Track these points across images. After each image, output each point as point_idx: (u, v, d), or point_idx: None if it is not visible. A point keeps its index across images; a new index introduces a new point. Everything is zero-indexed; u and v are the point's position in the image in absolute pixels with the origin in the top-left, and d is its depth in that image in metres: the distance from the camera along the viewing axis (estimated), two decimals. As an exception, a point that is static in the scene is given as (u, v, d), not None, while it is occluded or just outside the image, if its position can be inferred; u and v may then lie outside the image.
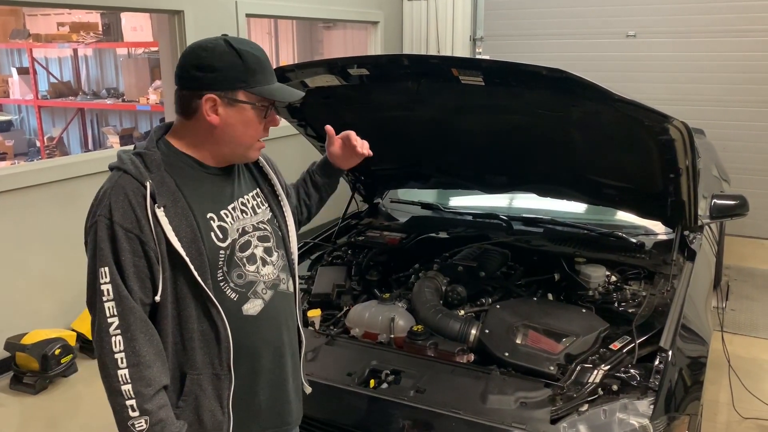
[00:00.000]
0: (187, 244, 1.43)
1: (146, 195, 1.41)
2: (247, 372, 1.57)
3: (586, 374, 2.01)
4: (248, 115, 1.49)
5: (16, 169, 4.04)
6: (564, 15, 6.83)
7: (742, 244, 6.08)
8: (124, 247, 1.38)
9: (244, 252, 1.55)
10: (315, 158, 3.71)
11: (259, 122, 1.51)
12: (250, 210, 1.61)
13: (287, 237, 1.71)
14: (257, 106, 1.49)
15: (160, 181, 1.44)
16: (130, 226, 1.39)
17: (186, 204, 1.46)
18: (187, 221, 1.45)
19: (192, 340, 1.48)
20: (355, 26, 7.97)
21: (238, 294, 1.53)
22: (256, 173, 1.70)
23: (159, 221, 1.40)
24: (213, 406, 1.51)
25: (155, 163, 1.46)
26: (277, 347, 1.63)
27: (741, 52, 6.14)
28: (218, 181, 1.56)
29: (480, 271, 2.66)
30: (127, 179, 1.42)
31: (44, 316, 4.03)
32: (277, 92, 1.51)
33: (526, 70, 2.03)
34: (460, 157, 2.96)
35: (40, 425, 3.44)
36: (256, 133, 1.53)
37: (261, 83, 1.48)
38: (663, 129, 2.15)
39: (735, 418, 3.25)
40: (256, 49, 1.50)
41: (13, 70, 8.94)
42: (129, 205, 1.40)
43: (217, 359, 1.50)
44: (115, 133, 8.46)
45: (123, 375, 1.37)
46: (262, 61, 1.49)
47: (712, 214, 2.98)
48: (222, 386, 1.51)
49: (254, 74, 1.47)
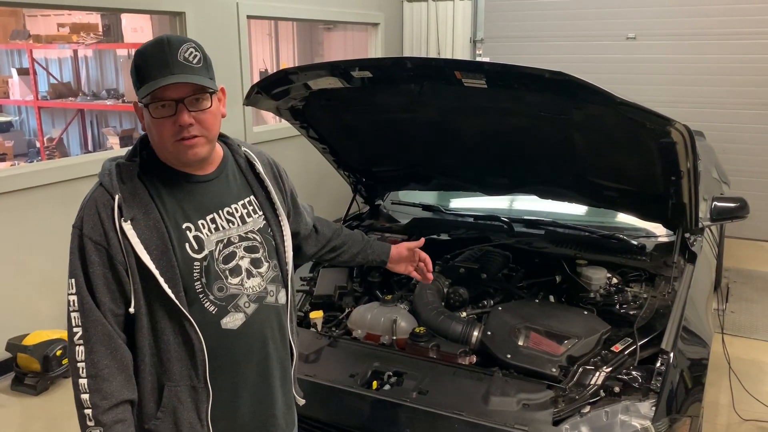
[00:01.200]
0: (157, 257, 1.41)
1: (114, 207, 1.40)
2: (228, 385, 1.53)
3: (588, 376, 2.02)
4: (148, 116, 1.43)
5: (17, 171, 4.04)
6: (564, 17, 6.84)
7: (741, 247, 6.09)
8: (94, 260, 1.39)
9: (227, 264, 1.51)
10: (316, 159, 3.71)
11: (162, 122, 1.42)
12: (238, 219, 1.56)
13: (282, 247, 1.64)
14: (151, 106, 1.41)
15: (131, 193, 1.43)
16: (98, 239, 1.39)
17: (159, 215, 1.44)
18: (158, 233, 1.42)
19: (168, 352, 1.45)
20: (356, 28, 7.99)
21: (217, 307, 1.49)
22: (251, 179, 1.64)
23: (126, 234, 1.39)
24: (192, 418, 1.49)
25: (129, 175, 1.45)
26: (260, 360, 1.58)
27: (741, 54, 6.15)
28: (200, 189, 1.52)
29: (481, 273, 2.67)
30: (100, 191, 1.43)
31: (45, 317, 4.03)
32: (150, 87, 1.39)
33: (528, 73, 2.03)
34: (461, 159, 2.97)
35: (41, 426, 3.44)
36: (166, 132, 1.42)
37: (146, 80, 1.40)
38: (665, 132, 2.15)
39: (735, 419, 3.25)
40: (147, 46, 1.43)
41: (13, 71, 8.93)
42: (98, 218, 1.40)
43: (194, 372, 1.47)
44: (115, 134, 8.46)
45: (83, 384, 1.39)
46: (148, 57, 1.41)
47: (712, 217, 2.99)
48: (200, 399, 1.49)
49: (140, 73, 1.42)
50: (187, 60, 1.42)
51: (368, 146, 3.08)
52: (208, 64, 1.48)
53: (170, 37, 1.43)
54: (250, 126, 5.56)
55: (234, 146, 1.65)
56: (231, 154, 1.64)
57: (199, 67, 1.43)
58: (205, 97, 1.45)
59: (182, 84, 1.40)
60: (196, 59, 1.43)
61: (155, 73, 1.39)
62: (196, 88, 1.42)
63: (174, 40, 1.42)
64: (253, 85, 2.50)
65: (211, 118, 1.47)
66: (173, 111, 1.41)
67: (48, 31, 8.57)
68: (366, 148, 3.10)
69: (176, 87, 1.40)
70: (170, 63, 1.40)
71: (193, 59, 1.43)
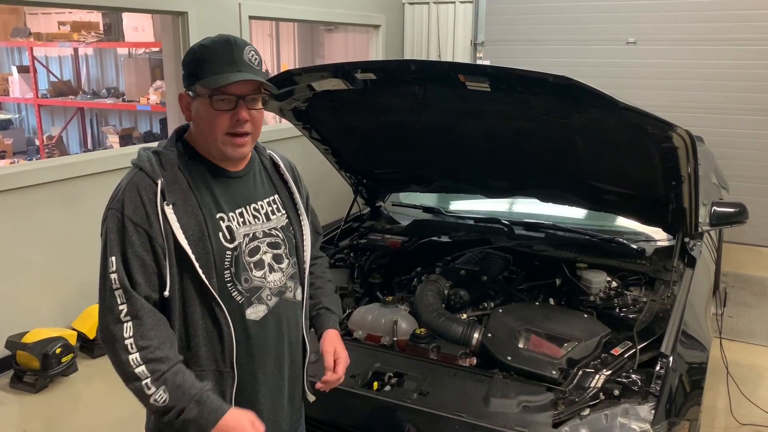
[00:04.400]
0: (194, 242, 1.46)
1: (157, 192, 1.44)
2: (248, 375, 1.58)
3: (588, 379, 2.03)
4: (206, 107, 1.48)
5: (16, 168, 4.04)
6: (565, 21, 6.86)
7: (739, 252, 6.11)
8: (133, 241, 1.42)
9: (252, 257, 1.57)
10: (317, 160, 3.71)
11: (219, 114, 1.48)
12: (263, 216, 1.62)
13: (301, 245, 1.70)
14: (214, 98, 1.47)
15: (172, 180, 1.48)
16: (139, 221, 1.43)
17: (196, 203, 1.49)
18: (195, 219, 1.48)
19: (196, 336, 1.50)
20: (357, 29, 7.99)
21: (243, 297, 1.54)
22: (276, 179, 1.71)
23: (167, 218, 1.44)
24: None
25: (169, 162, 1.51)
26: (278, 354, 1.64)
27: (741, 60, 6.18)
28: (231, 184, 1.58)
29: (482, 275, 2.68)
30: (141, 176, 1.47)
31: (45, 315, 4.04)
32: (219, 80, 1.45)
33: (532, 76, 2.04)
34: (462, 162, 2.98)
35: (40, 424, 3.44)
36: (221, 125, 1.49)
37: (209, 74, 1.46)
38: (666, 137, 2.16)
39: (733, 424, 3.27)
40: (214, 42, 1.49)
41: (14, 69, 8.94)
42: (140, 201, 1.44)
43: (221, 356, 1.52)
44: (114, 133, 8.46)
45: (134, 359, 1.40)
46: (215, 52, 1.47)
47: (712, 222, 3.00)
48: (225, 383, 1.54)
49: (204, 66, 1.47)
50: (250, 61, 1.50)
51: (370, 148, 3.09)
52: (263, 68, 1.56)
53: (236, 38, 1.51)
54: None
55: (260, 148, 1.73)
56: (257, 154, 1.70)
57: (259, 69, 1.52)
58: (260, 98, 1.53)
59: (246, 82, 1.47)
60: (257, 62, 1.52)
61: (223, 69, 1.46)
62: (257, 88, 1.50)
63: (240, 41, 1.51)
64: (257, 86, 2.51)
65: (261, 118, 1.56)
66: (233, 106, 1.48)
67: (49, 29, 8.57)
68: (368, 149, 3.11)
69: (242, 84, 1.47)
70: (238, 61, 1.48)
71: (255, 61, 1.52)
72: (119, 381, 1.44)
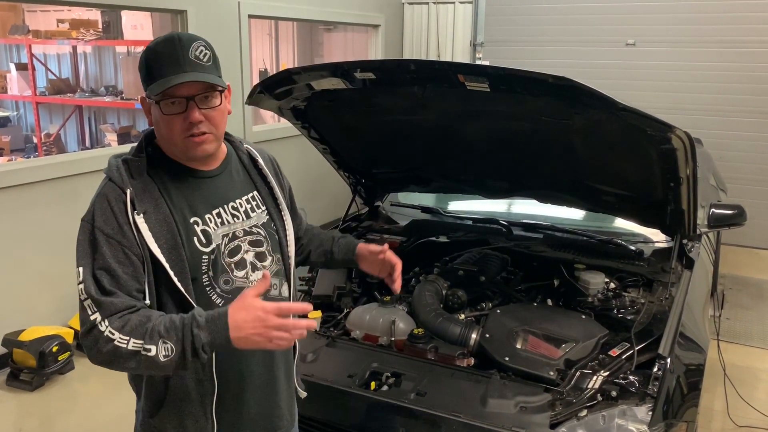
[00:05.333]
0: (167, 250, 1.43)
1: (126, 201, 1.42)
2: (233, 378, 1.56)
3: (586, 380, 2.03)
4: (158, 112, 1.44)
5: (14, 166, 4.04)
6: (564, 22, 6.86)
7: (736, 254, 6.12)
8: (104, 252, 1.39)
9: (233, 257, 1.54)
10: (315, 159, 3.71)
11: (172, 118, 1.44)
12: (242, 214, 1.59)
13: (284, 241, 1.67)
14: (161, 103, 1.43)
15: (142, 188, 1.45)
16: (111, 232, 1.40)
17: (168, 209, 1.46)
18: (168, 227, 1.44)
19: None
20: (356, 29, 7.99)
21: (224, 300, 1.51)
22: (254, 175, 1.67)
23: (139, 227, 1.41)
24: (196, 411, 1.51)
25: (138, 170, 1.47)
26: (266, 352, 1.60)
27: (740, 62, 6.19)
28: (205, 185, 1.55)
29: (480, 276, 2.68)
30: (110, 186, 1.44)
31: (42, 313, 4.03)
32: (162, 84, 1.40)
33: (532, 77, 2.04)
34: (461, 162, 2.98)
35: (36, 422, 3.43)
36: (176, 128, 1.45)
37: (156, 78, 1.42)
38: (665, 138, 2.16)
39: (730, 426, 3.27)
40: (158, 43, 1.45)
41: (12, 66, 8.91)
42: (111, 212, 1.41)
43: (200, 364, 1.48)
44: (113, 131, 8.44)
45: (120, 339, 1.33)
46: (159, 54, 1.43)
47: (710, 224, 3.00)
48: (205, 391, 1.51)
49: (151, 70, 1.43)
50: (198, 58, 1.44)
51: (369, 147, 3.08)
52: (217, 63, 1.49)
53: (181, 34, 1.45)
54: (249, 125, 5.56)
55: (236, 143, 1.69)
56: (234, 150, 1.67)
57: (209, 65, 1.46)
58: (214, 95, 1.47)
59: (194, 81, 1.42)
60: (206, 57, 1.45)
61: (167, 71, 1.41)
62: (207, 87, 1.44)
63: (185, 38, 1.44)
64: (256, 85, 2.51)
65: (219, 115, 1.49)
66: (184, 108, 1.44)
67: (47, 26, 8.55)
68: (367, 149, 3.10)
69: (187, 85, 1.42)
70: (182, 61, 1.42)
71: (204, 57, 1.45)
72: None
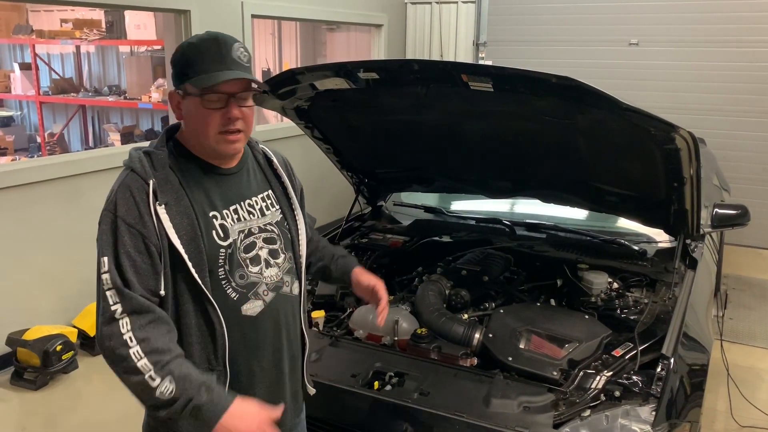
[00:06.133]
0: (186, 242, 1.46)
1: (149, 192, 1.44)
2: (244, 370, 1.59)
3: (589, 380, 2.03)
4: (197, 107, 1.47)
5: (18, 166, 4.05)
6: (567, 22, 6.85)
7: (740, 254, 6.10)
8: (126, 241, 1.42)
9: (248, 253, 1.57)
10: (318, 159, 3.72)
11: (211, 113, 1.48)
12: (258, 211, 1.63)
13: (297, 240, 1.71)
14: (204, 97, 1.46)
15: (164, 180, 1.48)
16: (132, 221, 1.42)
17: (189, 202, 1.49)
18: (188, 219, 1.48)
19: (189, 335, 1.50)
20: (359, 29, 7.99)
21: (238, 294, 1.55)
22: (269, 175, 1.72)
23: (160, 218, 1.44)
24: None
25: (161, 162, 1.50)
26: (276, 348, 1.64)
27: (743, 62, 6.17)
28: (224, 181, 1.58)
29: (483, 276, 2.68)
30: (133, 177, 1.47)
31: (45, 312, 4.04)
32: (208, 79, 1.44)
33: (536, 77, 2.04)
34: (464, 162, 2.98)
35: (40, 421, 3.44)
36: (213, 124, 1.48)
37: (199, 73, 1.45)
38: (669, 138, 2.16)
39: (733, 426, 3.27)
40: (202, 40, 1.48)
41: (16, 66, 8.94)
42: (133, 202, 1.44)
43: (213, 355, 1.53)
44: (116, 131, 8.46)
45: (135, 353, 1.37)
46: (204, 50, 1.47)
47: (713, 224, 3.00)
48: (218, 382, 1.52)
49: (193, 65, 1.46)
50: (239, 58, 1.50)
51: (372, 147, 3.09)
52: (252, 65, 1.55)
53: (219, 34, 1.50)
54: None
55: (252, 143, 1.72)
56: (250, 150, 1.70)
57: (248, 66, 1.51)
58: (250, 95, 1.52)
59: (236, 80, 1.47)
60: (246, 59, 1.51)
61: (211, 67, 1.45)
62: (247, 86, 1.49)
63: (227, 38, 1.50)
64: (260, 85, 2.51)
65: (252, 115, 1.56)
66: (223, 104, 1.48)
67: (51, 26, 8.57)
68: (370, 149, 3.11)
69: (231, 82, 1.46)
70: (226, 59, 1.47)
71: (244, 58, 1.51)
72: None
